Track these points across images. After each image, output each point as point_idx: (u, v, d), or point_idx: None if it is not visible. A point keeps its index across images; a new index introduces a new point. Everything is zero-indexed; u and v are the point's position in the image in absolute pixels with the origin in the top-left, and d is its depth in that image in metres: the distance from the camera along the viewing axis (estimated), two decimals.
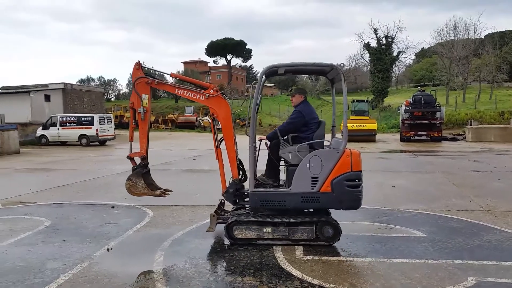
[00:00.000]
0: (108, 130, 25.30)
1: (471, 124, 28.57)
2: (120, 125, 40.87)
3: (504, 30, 57.03)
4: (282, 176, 5.70)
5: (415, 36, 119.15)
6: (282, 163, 5.63)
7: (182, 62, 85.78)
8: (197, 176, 11.48)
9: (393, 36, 44.32)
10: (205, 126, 42.08)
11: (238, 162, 5.52)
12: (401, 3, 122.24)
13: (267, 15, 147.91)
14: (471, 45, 46.49)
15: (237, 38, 78.82)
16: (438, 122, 24.87)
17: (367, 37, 49.39)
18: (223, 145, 5.55)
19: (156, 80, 5.57)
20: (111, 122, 25.92)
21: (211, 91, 5.40)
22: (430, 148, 20.31)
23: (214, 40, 77.83)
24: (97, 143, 25.01)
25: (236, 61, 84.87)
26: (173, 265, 4.52)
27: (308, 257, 4.75)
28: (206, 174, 11.71)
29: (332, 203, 4.99)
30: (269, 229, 5.08)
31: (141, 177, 5.52)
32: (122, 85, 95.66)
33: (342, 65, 6.03)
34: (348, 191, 4.89)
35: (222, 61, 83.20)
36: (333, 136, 6.09)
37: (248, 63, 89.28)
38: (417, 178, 10.79)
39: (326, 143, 5.53)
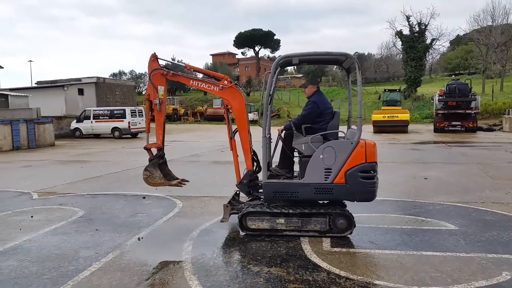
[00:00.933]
0: (140, 123, 25.84)
1: (508, 114, 27.38)
2: (151, 118, 41.63)
3: None
4: (296, 167, 5.66)
5: (450, 23, 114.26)
6: (296, 154, 5.57)
7: (210, 55, 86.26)
8: (225, 167, 11.56)
9: (426, 23, 42.92)
10: (233, 118, 42.36)
11: (252, 153, 5.54)
12: None
13: (294, 3, 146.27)
14: (511, 30, 44.40)
15: (265, 28, 78.71)
16: (473, 112, 23.99)
17: (399, 25, 48.18)
18: (237, 136, 5.62)
19: (172, 72, 5.61)
20: (142, 115, 26.45)
21: (225, 82, 5.40)
22: (464, 139, 19.65)
23: (242, 31, 77.83)
24: (129, 136, 25.63)
25: (264, 52, 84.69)
26: (201, 254, 4.60)
27: (335, 249, 4.72)
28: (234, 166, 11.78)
29: (346, 194, 4.94)
30: (282, 220, 5.09)
31: (158, 167, 5.65)
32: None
33: (356, 53, 5.93)
34: (362, 183, 4.82)
35: (250, 53, 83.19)
36: (348, 127, 6.00)
37: (276, 54, 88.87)
38: (450, 169, 10.48)
39: (340, 134, 5.47)
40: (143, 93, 71.26)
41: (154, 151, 5.78)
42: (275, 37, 79.87)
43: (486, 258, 4.36)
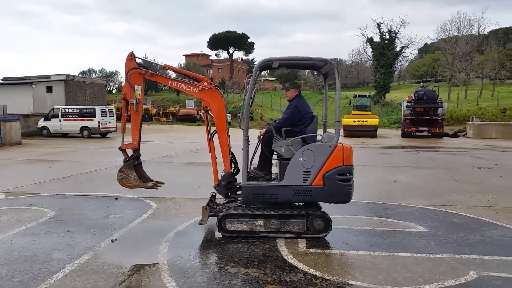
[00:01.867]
0: (110, 122, 25.33)
1: (472, 121, 28.55)
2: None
3: (508, 26, 56.87)
4: (274, 169, 5.73)
5: (418, 31, 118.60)
6: (274, 156, 5.66)
7: (184, 55, 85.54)
8: (199, 169, 11.51)
9: (397, 31, 44.17)
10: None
11: (230, 155, 5.55)
12: None
13: (270, 7, 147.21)
14: (475, 41, 46.35)
15: (239, 31, 78.90)
16: (439, 118, 24.86)
17: (370, 32, 49.29)
18: (216, 138, 5.60)
19: (150, 71, 5.52)
20: (112, 114, 25.95)
21: (205, 83, 5.39)
22: (431, 144, 20.32)
23: (217, 33, 77.70)
24: (98, 135, 25.07)
25: (238, 55, 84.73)
26: (177, 256, 4.57)
27: (311, 250, 4.79)
28: (209, 167, 11.68)
29: (324, 196, 5.04)
30: (261, 222, 5.12)
31: (133, 169, 5.53)
32: (124, 77, 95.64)
33: (335, 60, 6.06)
34: (340, 185, 4.95)
35: (224, 54, 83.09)
36: (324, 131, 6.13)
37: (250, 57, 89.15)
38: (418, 173, 10.82)
39: (318, 137, 5.58)
40: (114, 92, 69.99)
41: (129, 152, 5.65)
42: (249, 40, 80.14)
43: (454, 258, 4.54)
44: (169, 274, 4.07)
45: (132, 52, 5.52)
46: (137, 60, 5.62)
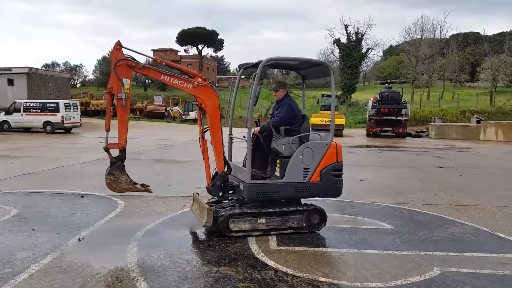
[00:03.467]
0: (74, 118, 24.62)
1: (434, 122, 29.66)
2: (86, 112, 39.79)
3: (467, 31, 59.24)
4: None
5: (384, 34, 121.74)
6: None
7: (151, 50, 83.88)
8: (169, 166, 11.38)
9: (363, 33, 45.19)
10: (175, 116, 41.58)
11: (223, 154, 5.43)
12: None
13: (237, 4, 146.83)
14: (437, 45, 48.08)
15: (205, 25, 78.61)
16: (403, 119, 25.67)
17: (337, 33, 50.13)
18: (207, 137, 5.45)
19: (141, 64, 5.05)
20: (77, 109, 25.22)
21: (199, 79, 5.20)
22: (395, 144, 20.95)
23: (186, 28, 76.78)
24: (62, 131, 24.28)
25: (207, 51, 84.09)
26: (147, 255, 4.51)
27: (281, 248, 4.85)
28: (178, 165, 11.64)
29: (320, 192, 5.31)
30: (263, 220, 5.19)
31: (124, 171, 5.13)
32: (89, 71, 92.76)
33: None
34: (334, 180, 5.31)
35: (193, 51, 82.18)
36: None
37: (220, 54, 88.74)
38: (383, 172, 11.13)
39: (316, 136, 5.76)
40: (78, 86, 67.92)
41: (113, 152, 5.21)
42: (219, 37, 79.67)
43: (419, 255, 4.71)
44: (139, 273, 4.01)
45: (119, 41, 5.03)
46: (124, 51, 5.11)
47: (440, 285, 3.91)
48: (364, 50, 46.35)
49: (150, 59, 5.82)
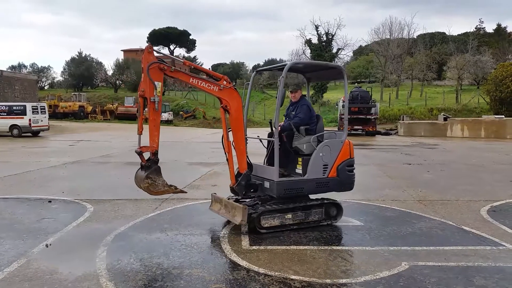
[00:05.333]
0: (42, 121, 23.89)
1: (403, 120, 30.39)
2: (54, 115, 38.73)
3: (434, 31, 61.01)
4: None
5: (354, 34, 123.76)
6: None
7: (122, 50, 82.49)
8: None
9: (333, 34, 45.87)
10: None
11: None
12: None
13: (208, 3, 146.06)
14: (405, 44, 49.25)
15: (177, 25, 77.57)
16: (373, 117, 26.22)
17: (309, 34, 50.70)
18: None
19: (173, 67, 5.05)
20: (45, 112, 24.48)
21: (224, 82, 5.31)
22: (365, 142, 21.36)
23: (157, 28, 75.86)
24: (29, 134, 23.52)
25: (179, 51, 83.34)
26: (117, 260, 4.43)
27: (254, 247, 4.87)
28: None
29: (337, 186, 5.71)
30: (289, 215, 5.48)
31: (161, 174, 5.09)
32: (57, 72, 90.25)
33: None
34: (348, 175, 5.75)
35: (165, 51, 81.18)
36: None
37: (192, 54, 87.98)
38: None
39: (332, 134, 6.19)
40: (46, 88, 65.98)
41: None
42: (190, 37, 79.11)
43: (388, 250, 4.83)
44: (108, 278, 3.94)
45: (150, 44, 5.03)
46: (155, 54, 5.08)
47: (408, 279, 4.01)
48: (334, 51, 47.06)
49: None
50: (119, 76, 57.51)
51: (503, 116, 27.17)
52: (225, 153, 5.56)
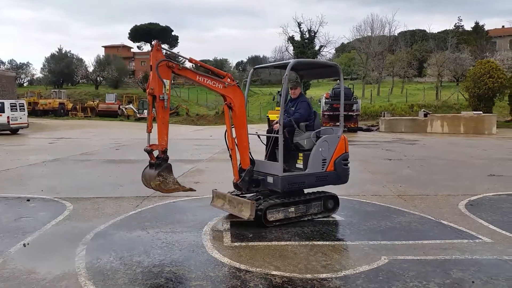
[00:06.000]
0: (21, 118, 23.41)
1: (384, 116, 30.80)
2: (34, 112, 37.93)
3: (414, 29, 61.89)
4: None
5: (336, 31, 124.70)
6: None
7: (103, 46, 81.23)
8: (121, 167, 11.08)
9: (316, 31, 46.12)
10: (129, 115, 40.53)
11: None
12: None
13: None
14: (386, 42, 49.90)
15: (159, 21, 76.67)
16: (354, 114, 26.50)
17: (291, 31, 50.76)
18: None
19: (180, 65, 5.08)
20: (24, 109, 24.00)
21: (228, 80, 5.38)
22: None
23: (138, 24, 74.97)
24: (8, 132, 22.99)
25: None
26: (96, 258, 4.38)
27: (235, 244, 4.87)
28: (131, 165, 11.36)
29: (334, 179, 5.96)
30: (292, 209, 5.66)
31: (172, 172, 5.07)
32: (36, 69, 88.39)
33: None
34: (344, 169, 6.00)
35: (147, 47, 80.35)
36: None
37: (174, 50, 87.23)
38: None
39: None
40: (25, 85, 64.50)
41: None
42: (173, 33, 78.40)
43: (368, 245, 4.89)
44: (87, 277, 3.89)
45: (158, 42, 5.00)
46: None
47: (387, 273, 4.07)
48: (317, 48, 47.30)
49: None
50: (100, 72, 56.69)
51: (481, 112, 27.78)
52: (229, 150, 5.64)
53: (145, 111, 39.15)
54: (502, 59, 44.02)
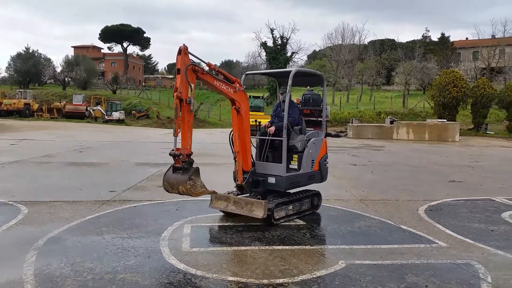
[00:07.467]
0: None
1: (352, 122, 31.33)
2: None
3: (383, 38, 63.44)
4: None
5: (308, 38, 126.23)
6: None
7: (72, 47, 79.15)
8: (83, 169, 10.75)
9: (288, 37, 46.54)
10: (97, 117, 39.55)
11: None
12: (297, 2, 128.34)
13: (162, 1, 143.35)
14: (356, 50, 50.89)
15: (131, 22, 75.47)
16: (323, 119, 26.82)
17: (264, 36, 51.01)
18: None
19: (204, 70, 5.13)
20: None
21: (237, 85, 5.59)
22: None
23: (109, 25, 73.52)
24: None
25: (133, 49, 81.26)
26: (46, 265, 4.19)
27: (194, 249, 4.78)
28: (93, 168, 11.03)
29: (318, 178, 6.48)
30: (291, 207, 6.05)
31: (199, 175, 5.03)
32: (1, 68, 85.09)
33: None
34: (325, 168, 6.59)
35: (118, 48, 78.92)
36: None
37: (146, 52, 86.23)
38: None
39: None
40: None
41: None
42: (145, 35, 77.32)
43: (327, 249, 4.91)
44: (34, 285, 3.71)
45: (186, 46, 4.93)
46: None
47: (344, 277, 4.09)
48: (289, 54, 47.75)
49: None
50: (68, 73, 55.12)
51: (445, 120, 28.68)
52: (233, 152, 5.84)
53: (114, 113, 38.41)
54: (466, 70, 45.77)
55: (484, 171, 12.30)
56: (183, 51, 4.91)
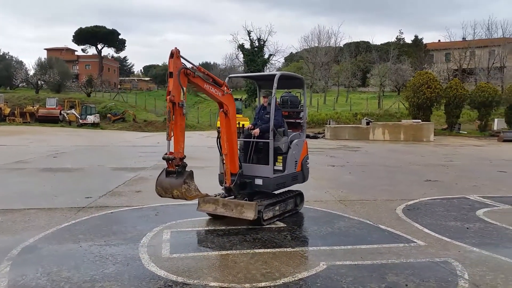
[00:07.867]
0: None
1: (329, 124, 31.70)
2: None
3: (359, 40, 64.43)
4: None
5: (285, 40, 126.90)
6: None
7: (45, 49, 77.31)
8: (58, 175, 10.47)
9: (265, 40, 46.64)
10: (71, 121, 38.71)
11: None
12: (272, 4, 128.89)
13: (137, 3, 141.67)
14: (332, 53, 51.53)
15: (105, 24, 74.33)
16: (302, 121, 27.03)
17: (241, 39, 50.96)
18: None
19: (195, 73, 5.09)
20: None
21: (225, 88, 5.63)
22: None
23: (83, 27, 72.18)
24: None
25: (108, 51, 79.97)
26: (21, 275, 4.05)
27: (174, 255, 4.71)
28: (68, 174, 10.77)
29: (301, 178, 6.62)
30: (277, 207, 6.16)
31: (193, 178, 4.98)
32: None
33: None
34: (306, 168, 6.73)
35: (92, 50, 77.52)
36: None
37: (122, 54, 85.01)
38: None
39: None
40: None
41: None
42: (120, 37, 76.21)
43: (308, 251, 4.93)
44: None
45: (177, 48, 4.92)
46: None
47: (325, 279, 4.10)
48: (266, 56, 47.84)
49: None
50: (41, 76, 53.78)
51: (420, 121, 29.35)
52: (221, 155, 5.91)
53: (89, 116, 37.68)
54: (439, 71, 46.99)
55: (459, 170, 12.62)
56: (175, 55, 4.89)
